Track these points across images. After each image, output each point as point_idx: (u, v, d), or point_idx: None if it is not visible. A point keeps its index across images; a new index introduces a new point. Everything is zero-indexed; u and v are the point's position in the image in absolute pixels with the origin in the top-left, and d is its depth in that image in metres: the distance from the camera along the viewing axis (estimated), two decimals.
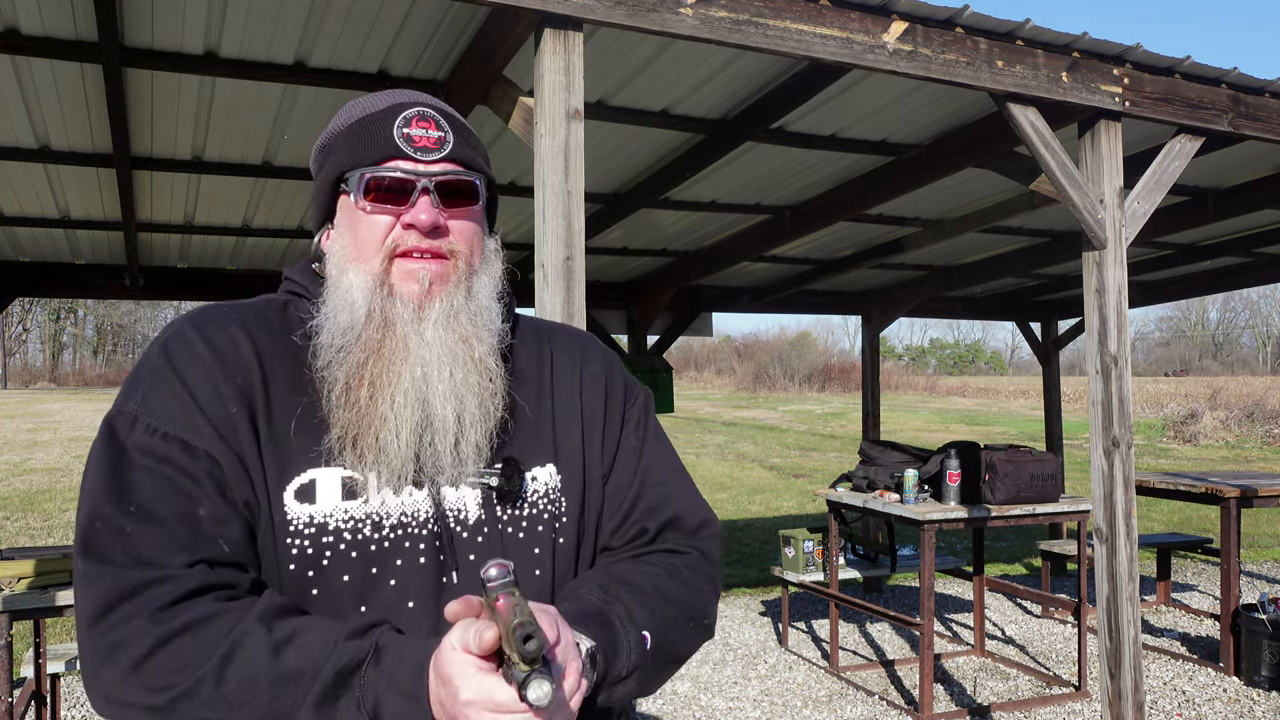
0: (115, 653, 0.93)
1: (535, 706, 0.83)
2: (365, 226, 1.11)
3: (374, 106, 1.15)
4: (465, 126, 1.17)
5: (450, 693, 0.87)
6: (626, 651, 1.04)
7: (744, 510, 13.11)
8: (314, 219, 1.21)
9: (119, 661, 0.93)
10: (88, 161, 4.36)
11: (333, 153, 1.15)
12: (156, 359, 1.08)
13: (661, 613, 1.11)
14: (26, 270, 6.35)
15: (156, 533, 0.97)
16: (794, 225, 5.79)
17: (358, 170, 1.10)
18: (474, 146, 1.17)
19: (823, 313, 16.08)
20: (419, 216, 1.09)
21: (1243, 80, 3.80)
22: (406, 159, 1.10)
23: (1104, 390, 3.69)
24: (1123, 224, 3.68)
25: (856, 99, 3.99)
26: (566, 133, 2.65)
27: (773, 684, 5.52)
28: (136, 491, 1.00)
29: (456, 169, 1.12)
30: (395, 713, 0.91)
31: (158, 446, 1.02)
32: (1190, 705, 5.08)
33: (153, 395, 1.05)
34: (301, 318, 1.13)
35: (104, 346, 54.34)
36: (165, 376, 1.06)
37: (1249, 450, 21.74)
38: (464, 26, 3.20)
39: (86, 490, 1.02)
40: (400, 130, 1.10)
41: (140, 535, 0.97)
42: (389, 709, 0.91)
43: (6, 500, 13.01)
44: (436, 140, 1.11)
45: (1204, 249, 7.26)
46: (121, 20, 3.06)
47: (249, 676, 0.91)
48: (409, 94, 1.16)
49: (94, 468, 1.03)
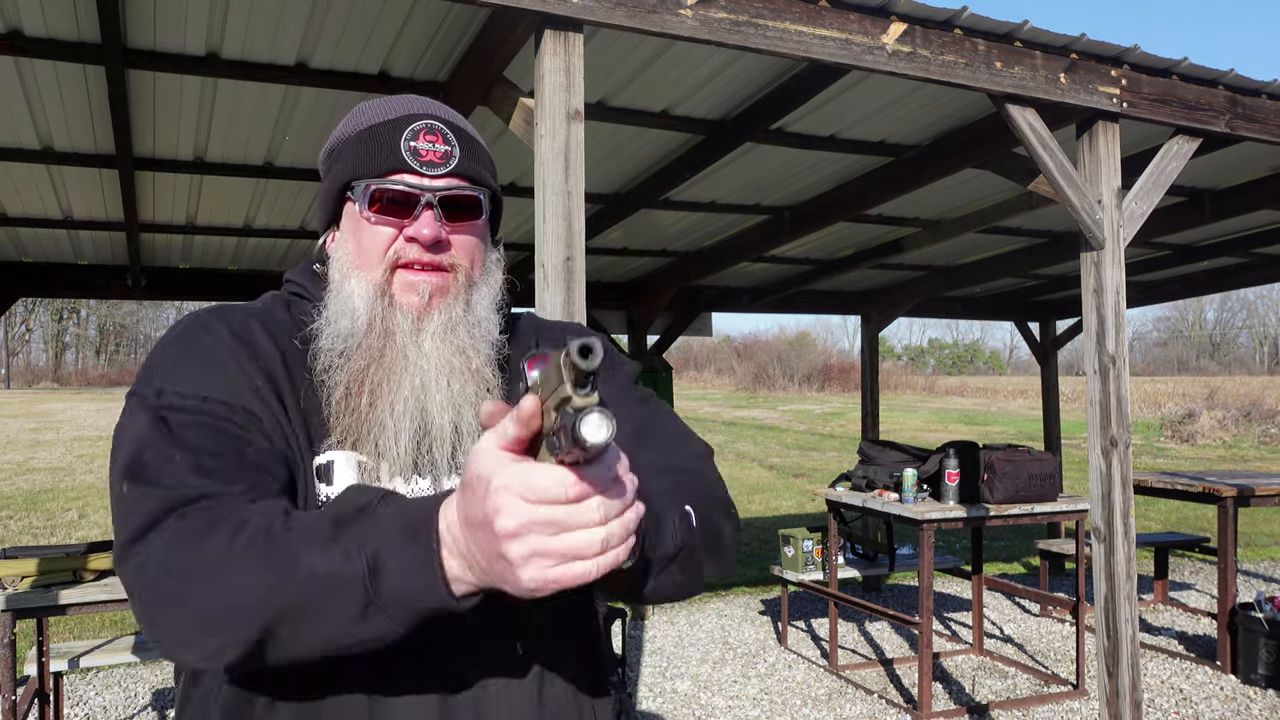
0: (166, 555, 0.89)
1: (592, 449, 0.70)
2: (368, 236, 1.12)
3: (383, 115, 1.16)
4: (473, 139, 1.18)
5: (480, 490, 0.76)
6: (672, 527, 0.95)
7: (743, 510, 13.12)
8: (320, 221, 1.22)
9: (168, 562, 0.88)
10: (90, 162, 4.38)
11: (340, 158, 1.16)
12: (175, 344, 1.08)
13: (694, 491, 1.04)
14: (29, 270, 6.37)
15: (209, 463, 0.96)
16: (794, 225, 5.81)
17: (364, 180, 1.12)
18: (480, 160, 1.18)
19: (822, 313, 16.10)
20: (421, 230, 1.10)
21: (1240, 81, 3.81)
22: (412, 172, 1.11)
23: (1102, 390, 3.71)
24: (1120, 224, 3.70)
25: (856, 100, 4.01)
26: (567, 133, 2.67)
27: (772, 683, 5.53)
28: (182, 437, 0.98)
29: (461, 184, 1.14)
30: (396, 556, 0.82)
31: (194, 404, 1.01)
32: (1187, 703, 5.10)
33: (178, 372, 1.04)
34: (303, 320, 1.15)
35: (106, 346, 54.32)
36: (190, 356, 1.06)
37: (1246, 450, 21.75)
38: (464, 28, 3.22)
39: (125, 441, 0.99)
40: (407, 143, 1.12)
41: (192, 462, 0.95)
42: (389, 553, 0.82)
43: (9, 499, 13.02)
44: (443, 155, 1.13)
45: (1202, 249, 7.28)
46: (124, 22, 3.07)
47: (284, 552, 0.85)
48: (419, 104, 1.17)
49: (128, 429, 1.00)
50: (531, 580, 0.75)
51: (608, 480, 0.76)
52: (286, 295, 1.21)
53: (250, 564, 0.84)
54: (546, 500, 0.74)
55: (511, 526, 0.74)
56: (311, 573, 0.83)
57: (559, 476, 0.74)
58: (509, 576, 0.76)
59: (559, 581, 0.76)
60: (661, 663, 5.94)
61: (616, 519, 0.76)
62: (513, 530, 0.74)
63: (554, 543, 0.74)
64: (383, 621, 0.83)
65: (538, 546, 0.74)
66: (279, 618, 0.84)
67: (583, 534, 0.75)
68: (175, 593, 0.87)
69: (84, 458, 17.39)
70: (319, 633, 0.84)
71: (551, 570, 0.75)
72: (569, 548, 0.75)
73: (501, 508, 0.74)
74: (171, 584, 0.87)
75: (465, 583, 0.82)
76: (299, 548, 0.84)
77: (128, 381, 48.89)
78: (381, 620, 0.83)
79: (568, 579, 0.76)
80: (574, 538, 0.75)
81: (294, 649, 0.86)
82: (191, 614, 0.86)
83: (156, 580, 0.89)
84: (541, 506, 0.74)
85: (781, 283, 8.05)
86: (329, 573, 0.82)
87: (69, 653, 4.14)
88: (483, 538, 0.76)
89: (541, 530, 0.74)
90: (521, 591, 0.77)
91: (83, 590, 3.55)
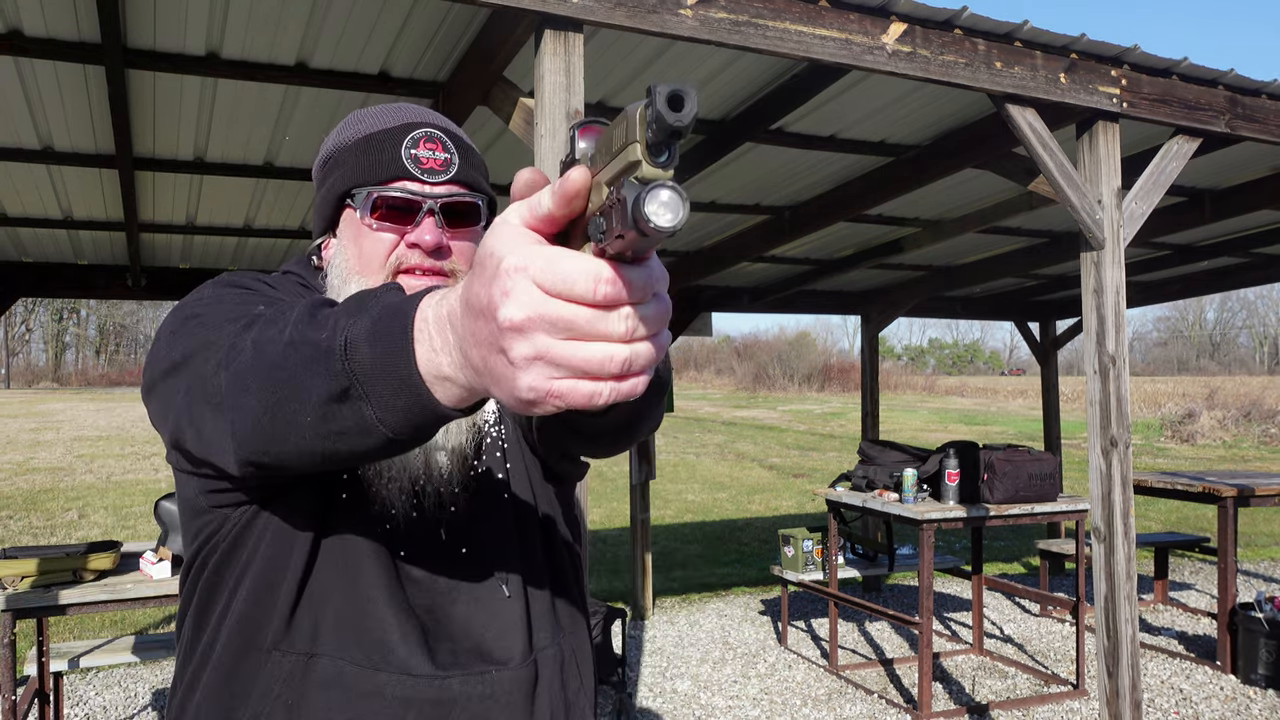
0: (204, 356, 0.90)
1: (652, 236, 0.54)
2: (370, 242, 1.14)
3: (381, 124, 1.17)
4: (469, 147, 1.20)
5: (490, 269, 0.61)
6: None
7: (743, 510, 13.12)
8: (316, 228, 1.23)
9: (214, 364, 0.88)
10: (90, 162, 4.38)
11: (338, 167, 1.17)
12: (208, 287, 1.09)
13: None
14: (29, 270, 6.37)
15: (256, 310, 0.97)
16: (794, 225, 5.81)
17: (365, 188, 1.13)
18: (477, 167, 1.20)
19: (822, 313, 16.09)
20: (424, 237, 1.12)
21: (1240, 81, 3.82)
22: (413, 179, 1.13)
23: (1102, 390, 3.71)
24: (1120, 224, 3.70)
25: (856, 100, 4.01)
26: (567, 134, 2.66)
27: (772, 683, 5.53)
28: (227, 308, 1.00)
29: (461, 191, 1.16)
30: (370, 335, 0.72)
31: (238, 285, 1.06)
32: (1187, 703, 5.10)
33: (209, 294, 1.06)
34: None
35: (106, 346, 54.38)
36: (222, 290, 1.07)
37: (1246, 450, 21.77)
38: (464, 28, 3.22)
39: (163, 335, 1.01)
40: (408, 151, 1.13)
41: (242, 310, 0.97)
42: (365, 333, 0.73)
43: (10, 499, 13.02)
44: (443, 162, 1.14)
45: (1201, 249, 7.28)
46: (124, 22, 3.07)
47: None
48: (416, 112, 1.19)
49: (162, 335, 1.01)
50: (530, 390, 0.61)
51: (646, 288, 0.61)
52: (290, 282, 1.22)
53: (273, 328, 0.83)
54: (568, 296, 0.59)
55: (518, 318, 0.59)
56: (304, 338, 0.78)
57: (591, 268, 0.59)
58: (505, 381, 0.62)
59: (562, 398, 0.61)
60: (661, 663, 5.94)
61: (644, 341, 0.62)
62: (519, 323, 0.59)
63: (567, 350, 0.60)
64: (368, 411, 0.73)
65: (545, 350, 0.60)
66: (275, 377, 0.80)
67: (603, 348, 0.60)
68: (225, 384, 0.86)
69: (84, 458, 17.39)
70: (304, 407, 0.78)
71: (557, 383, 0.61)
72: (585, 360, 0.60)
73: (511, 292, 0.59)
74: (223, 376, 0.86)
75: (456, 383, 0.69)
76: (306, 322, 0.81)
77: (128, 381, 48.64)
78: (367, 410, 0.73)
79: (573, 398, 0.61)
80: (593, 349, 0.60)
81: (287, 429, 0.81)
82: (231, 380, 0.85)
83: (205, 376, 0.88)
84: (560, 303, 0.59)
85: (781, 283, 8.06)
86: (314, 341, 0.77)
87: (69, 653, 4.14)
88: (482, 326, 0.62)
89: (553, 331, 0.59)
90: (514, 402, 0.63)
91: (83, 590, 3.55)
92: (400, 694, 1.02)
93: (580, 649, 1.19)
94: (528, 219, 0.62)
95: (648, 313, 0.61)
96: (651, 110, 0.52)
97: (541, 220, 0.62)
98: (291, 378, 0.77)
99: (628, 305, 0.60)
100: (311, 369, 0.76)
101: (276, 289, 1.15)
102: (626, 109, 0.55)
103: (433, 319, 0.69)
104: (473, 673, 1.06)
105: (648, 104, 0.52)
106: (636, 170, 0.54)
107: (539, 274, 0.59)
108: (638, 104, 0.54)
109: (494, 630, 1.09)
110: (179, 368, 0.94)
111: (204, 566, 1.08)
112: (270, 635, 1.03)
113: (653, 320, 0.62)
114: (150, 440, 19.75)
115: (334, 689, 1.01)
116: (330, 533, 1.06)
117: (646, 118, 0.53)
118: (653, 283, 0.61)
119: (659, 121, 0.51)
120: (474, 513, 1.13)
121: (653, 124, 0.52)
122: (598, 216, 0.58)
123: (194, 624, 1.09)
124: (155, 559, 3.68)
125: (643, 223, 0.52)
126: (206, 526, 1.07)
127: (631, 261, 0.60)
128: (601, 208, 0.58)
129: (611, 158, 0.57)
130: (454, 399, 0.70)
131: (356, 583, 1.04)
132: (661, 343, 0.63)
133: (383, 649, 1.03)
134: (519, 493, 1.19)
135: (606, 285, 0.59)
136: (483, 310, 0.61)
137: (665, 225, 0.52)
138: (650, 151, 0.53)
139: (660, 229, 0.52)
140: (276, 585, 1.03)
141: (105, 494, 13.64)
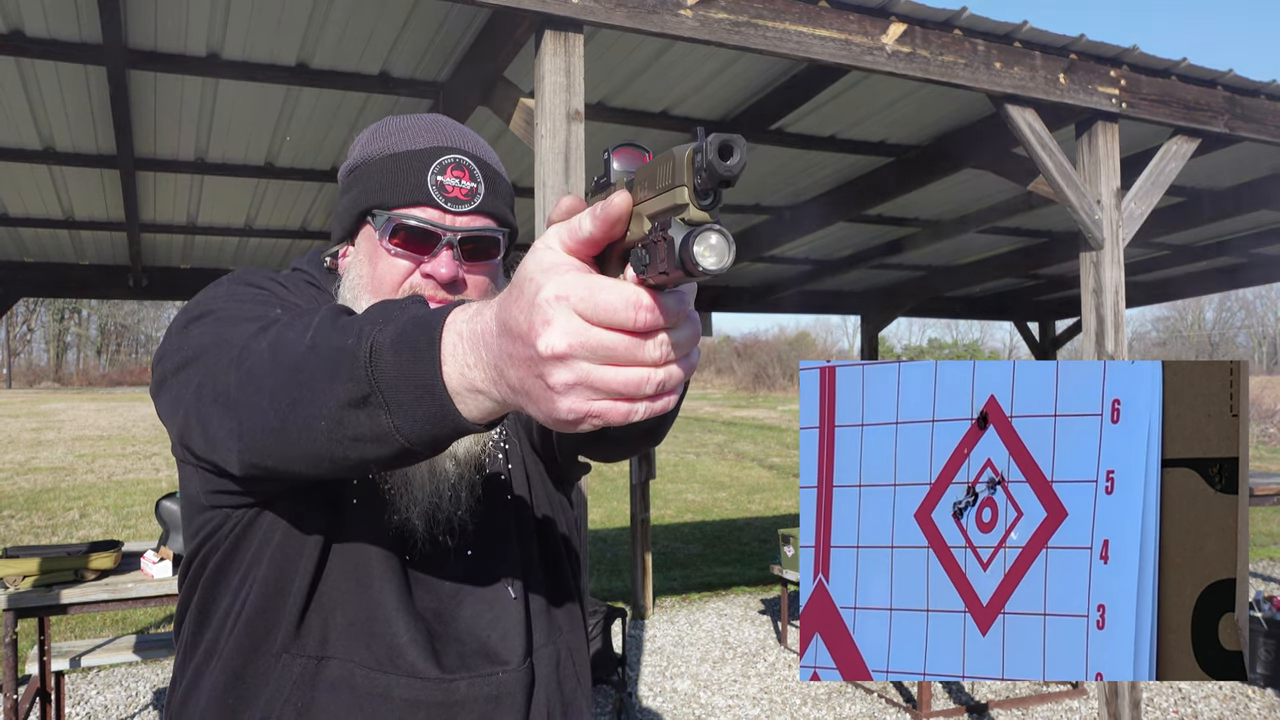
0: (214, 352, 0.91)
1: (699, 277, 0.56)
2: (385, 265, 1.12)
3: (410, 144, 1.14)
4: (497, 175, 1.17)
5: (529, 294, 0.62)
6: None
7: (743, 509, 13.13)
8: (335, 235, 1.21)
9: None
10: (91, 163, 4.39)
11: (362, 180, 1.15)
12: (223, 283, 1.09)
13: None
14: (31, 271, 6.38)
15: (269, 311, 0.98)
16: (794, 225, 5.82)
17: (386, 211, 1.11)
18: (503, 197, 1.17)
19: (822, 313, 16.11)
20: (439, 270, 1.10)
21: (1238, 82, 3.82)
22: (436, 208, 1.10)
23: None
24: (1120, 224, 3.70)
25: (855, 100, 4.01)
26: (567, 134, 2.67)
27: (772, 682, 5.54)
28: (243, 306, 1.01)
29: (483, 224, 1.13)
30: (395, 344, 0.72)
31: (251, 284, 1.06)
32: (1186, 702, 5.11)
33: (222, 292, 1.07)
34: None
35: (108, 347, 54.38)
36: (236, 286, 1.08)
37: None
38: (465, 28, 3.23)
39: (174, 332, 1.02)
40: (434, 177, 1.10)
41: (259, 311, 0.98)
42: (386, 344, 0.72)
43: (11, 499, 13.04)
44: (468, 192, 1.12)
45: (1201, 249, 7.28)
46: (125, 23, 3.08)
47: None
48: (448, 132, 1.16)
49: (174, 331, 1.03)
50: (570, 412, 0.63)
51: (680, 313, 0.63)
52: (300, 280, 1.22)
53: (292, 331, 0.83)
54: (609, 324, 0.60)
55: (560, 347, 0.60)
56: (327, 343, 0.78)
57: (630, 296, 0.60)
58: (543, 402, 0.63)
59: (600, 418, 0.63)
60: (661, 662, 5.95)
61: (675, 362, 0.64)
62: (560, 351, 0.60)
63: (606, 375, 0.61)
64: (385, 418, 0.73)
65: (585, 375, 0.61)
66: (292, 379, 0.79)
67: (640, 372, 0.62)
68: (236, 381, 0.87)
69: (85, 457, 17.41)
70: (320, 411, 0.77)
71: (595, 403, 0.62)
72: (623, 384, 0.61)
73: (552, 321, 0.60)
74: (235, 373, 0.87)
75: (489, 397, 0.69)
76: (329, 327, 0.81)
77: (129, 381, 48.51)
78: (384, 418, 0.73)
79: (611, 417, 0.63)
80: (631, 373, 0.62)
81: (299, 431, 0.80)
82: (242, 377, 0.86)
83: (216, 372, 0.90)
84: (600, 330, 0.60)
85: (781, 283, 8.06)
86: (338, 345, 0.76)
87: (70, 652, 4.15)
88: (521, 350, 0.63)
89: (592, 358, 0.61)
90: (551, 422, 0.65)
91: (84, 590, 3.55)
92: (408, 696, 1.03)
93: (577, 648, 1.19)
94: (567, 242, 0.64)
95: (681, 337, 0.63)
96: (701, 157, 0.54)
97: (581, 243, 0.63)
98: (311, 380, 0.78)
99: (663, 331, 0.62)
100: (333, 373, 0.76)
101: (289, 289, 1.15)
102: (674, 150, 0.57)
103: (467, 334, 0.69)
104: (479, 674, 1.06)
105: (697, 149, 0.54)
106: (683, 213, 0.56)
107: (579, 303, 0.60)
108: (685, 146, 0.56)
109: (498, 632, 1.09)
110: (191, 363, 0.94)
111: (205, 565, 1.08)
112: (280, 638, 1.03)
113: (685, 344, 0.64)
114: (151, 440, 19.77)
115: (343, 691, 1.02)
116: (340, 538, 1.06)
117: (695, 163, 0.54)
118: (684, 306, 0.63)
119: (710, 170, 0.53)
120: (478, 515, 1.14)
121: (703, 170, 0.54)
122: (640, 249, 0.60)
123: (195, 622, 1.09)
124: (156, 558, 3.69)
125: (690, 264, 0.55)
126: (208, 524, 1.07)
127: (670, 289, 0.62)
128: (644, 241, 0.60)
129: (655, 193, 0.58)
130: (483, 413, 0.71)
131: (367, 587, 1.05)
132: (692, 361, 0.66)
133: (392, 652, 1.03)
134: (520, 494, 1.19)
135: (646, 313, 0.60)
136: (521, 335, 0.62)
137: (713, 267, 0.54)
138: (698, 194, 0.55)
139: (708, 270, 0.54)
140: (286, 588, 1.04)
141: (106, 494, 13.65)
